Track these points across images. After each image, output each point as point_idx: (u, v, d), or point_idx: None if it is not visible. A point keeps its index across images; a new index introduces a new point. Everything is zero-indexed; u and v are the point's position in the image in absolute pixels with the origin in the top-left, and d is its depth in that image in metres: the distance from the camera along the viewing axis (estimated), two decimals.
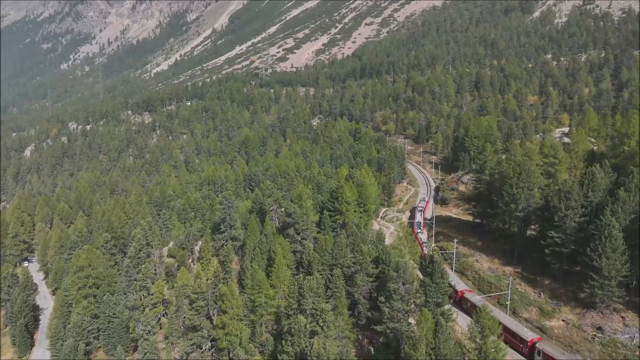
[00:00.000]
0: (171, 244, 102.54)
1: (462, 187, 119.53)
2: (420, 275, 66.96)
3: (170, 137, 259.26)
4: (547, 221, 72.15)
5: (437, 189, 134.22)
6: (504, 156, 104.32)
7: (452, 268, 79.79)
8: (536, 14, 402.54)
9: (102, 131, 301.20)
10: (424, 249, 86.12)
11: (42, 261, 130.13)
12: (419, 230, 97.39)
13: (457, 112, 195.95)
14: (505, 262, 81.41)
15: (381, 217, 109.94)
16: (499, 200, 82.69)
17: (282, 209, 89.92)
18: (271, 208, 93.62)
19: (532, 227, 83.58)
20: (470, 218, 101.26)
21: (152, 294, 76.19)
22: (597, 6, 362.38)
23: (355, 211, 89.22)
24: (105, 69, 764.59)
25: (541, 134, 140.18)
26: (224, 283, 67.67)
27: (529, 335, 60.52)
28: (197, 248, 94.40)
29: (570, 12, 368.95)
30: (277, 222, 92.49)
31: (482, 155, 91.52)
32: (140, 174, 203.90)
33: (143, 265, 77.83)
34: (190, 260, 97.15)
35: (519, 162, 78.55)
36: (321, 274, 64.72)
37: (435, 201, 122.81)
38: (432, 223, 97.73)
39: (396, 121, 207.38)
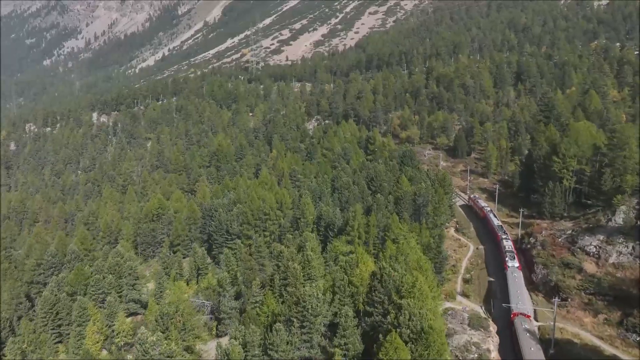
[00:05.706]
0: None
1: (588, 264, 60.56)
2: None
3: (129, 144, 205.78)
4: None
5: (520, 250, 77.02)
6: None
7: None
8: None
9: (54, 135, 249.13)
10: None
11: None
12: None
13: (508, 112, 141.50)
14: None
15: None
16: None
17: None
18: None
19: None
20: None
21: None
22: None
23: None
24: (89, 64, 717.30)
25: None
26: None
27: None
28: None
29: None
30: None
31: None
32: (73, 198, 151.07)
33: None
34: None
35: None
36: None
37: (524, 277, 66.14)
38: None
39: (420, 125, 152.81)
